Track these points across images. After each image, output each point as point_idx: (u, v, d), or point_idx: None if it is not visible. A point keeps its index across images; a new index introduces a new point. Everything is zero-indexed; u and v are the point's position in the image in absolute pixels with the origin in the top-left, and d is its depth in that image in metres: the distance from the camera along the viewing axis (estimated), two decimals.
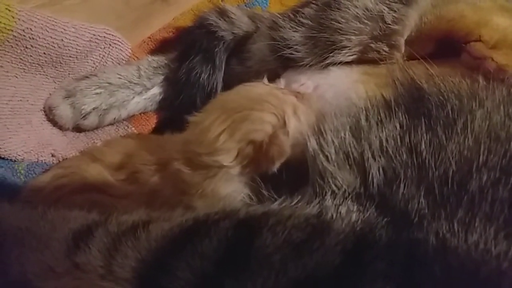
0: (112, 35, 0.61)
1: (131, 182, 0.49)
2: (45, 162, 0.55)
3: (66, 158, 0.56)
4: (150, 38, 0.72)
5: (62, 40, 0.53)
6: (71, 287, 0.36)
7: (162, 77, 0.63)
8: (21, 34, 0.48)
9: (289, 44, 0.55)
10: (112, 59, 0.62)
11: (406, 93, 0.39)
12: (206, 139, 0.45)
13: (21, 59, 0.51)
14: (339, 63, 0.53)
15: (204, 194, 0.45)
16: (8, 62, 0.50)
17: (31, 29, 0.49)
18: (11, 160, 0.53)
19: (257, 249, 0.32)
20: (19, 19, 0.47)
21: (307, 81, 0.53)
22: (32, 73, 0.54)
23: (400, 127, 0.37)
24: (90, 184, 0.48)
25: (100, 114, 0.58)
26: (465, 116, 0.35)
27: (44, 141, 0.56)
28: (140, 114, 0.63)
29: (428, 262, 0.29)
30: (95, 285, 0.35)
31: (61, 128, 0.58)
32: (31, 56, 0.51)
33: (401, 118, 0.37)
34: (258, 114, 0.44)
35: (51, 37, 0.52)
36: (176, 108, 0.61)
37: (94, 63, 0.61)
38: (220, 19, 0.64)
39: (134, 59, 0.65)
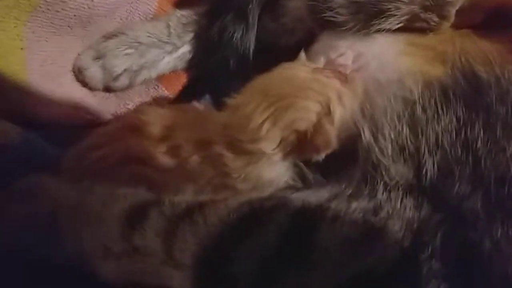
0: None
1: (172, 155, 0.49)
2: (79, 125, 0.55)
3: (100, 121, 0.56)
4: None
5: (92, 3, 0.50)
6: (131, 269, 0.38)
7: (192, 34, 0.60)
8: (49, 2, 0.45)
9: (331, 7, 0.52)
10: (139, 14, 0.59)
11: (464, 82, 0.38)
12: (248, 126, 0.44)
13: (51, 22, 0.48)
14: (383, 30, 0.51)
15: (248, 178, 0.45)
16: (39, 27, 0.47)
17: None
18: (46, 126, 0.52)
19: (316, 242, 0.34)
20: None
21: (347, 51, 0.51)
22: (61, 35, 0.51)
23: (457, 120, 0.37)
24: (132, 155, 0.48)
25: (131, 76, 0.57)
26: None
27: (76, 104, 0.55)
28: (169, 73, 0.61)
29: (482, 265, 0.31)
30: (156, 269, 0.38)
31: (90, 89, 0.57)
32: (61, 19, 0.48)
33: (458, 111, 0.37)
34: (302, 102, 0.43)
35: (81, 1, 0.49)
36: (208, 68, 0.59)
37: (121, 19, 0.58)
38: None
39: (160, 11, 0.62)
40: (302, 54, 0.49)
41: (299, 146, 0.42)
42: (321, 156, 0.41)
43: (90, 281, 0.40)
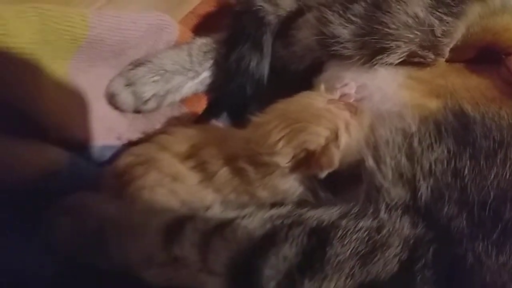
0: (164, 19, 0.64)
1: (199, 170, 0.56)
2: (112, 146, 0.62)
3: (130, 141, 0.62)
4: (193, 12, 0.73)
5: (124, 36, 0.57)
6: (172, 276, 0.45)
7: (212, 61, 0.66)
8: (93, 39, 0.51)
9: (339, 41, 0.58)
10: (163, 42, 0.66)
11: (454, 120, 0.45)
12: (267, 141, 0.51)
13: (89, 57, 0.54)
14: (385, 63, 0.57)
15: (266, 187, 0.53)
16: (81, 62, 0.53)
17: (101, 33, 0.52)
18: (84, 146, 0.58)
19: (329, 256, 0.40)
20: (91, 26, 0.50)
21: (351, 82, 0.57)
22: (96, 66, 0.57)
23: (448, 152, 0.44)
24: (166, 172, 0.55)
25: (159, 100, 0.63)
26: (505, 149, 0.42)
27: (109, 126, 0.62)
28: (192, 95, 0.67)
29: (466, 275, 0.38)
30: (193, 276, 0.44)
31: (122, 111, 0.63)
32: (99, 54, 0.55)
33: (449, 144, 0.44)
34: (315, 128, 0.50)
35: (115, 36, 0.55)
36: (227, 92, 0.66)
37: (147, 48, 0.64)
38: (266, 2, 0.66)
39: (181, 38, 0.68)
40: (322, 86, 0.55)
41: (307, 163, 0.49)
42: (324, 173, 0.48)
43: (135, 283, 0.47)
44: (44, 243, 0.49)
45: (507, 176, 0.40)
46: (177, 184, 0.55)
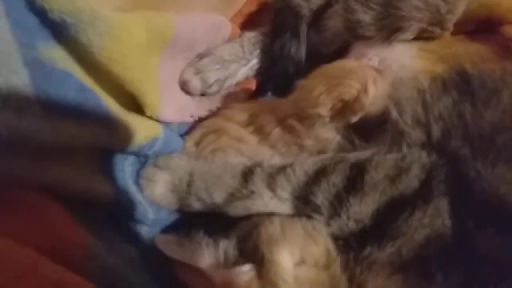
0: (220, 19, 0.80)
1: (258, 133, 0.71)
2: (186, 122, 0.78)
3: (201, 118, 0.78)
4: (239, 12, 0.89)
5: (195, 34, 0.72)
6: (249, 206, 0.60)
7: (259, 50, 0.82)
8: (175, 38, 0.67)
9: (361, 25, 0.73)
10: (219, 38, 0.81)
11: (458, 76, 0.58)
12: (311, 96, 0.66)
13: (171, 52, 0.70)
14: (400, 40, 0.71)
15: (310, 137, 0.67)
16: (165, 56, 0.69)
17: (180, 32, 0.67)
18: (168, 123, 0.74)
19: (367, 180, 0.55)
20: (174, 27, 0.66)
21: (374, 57, 0.72)
22: (174, 59, 0.73)
23: (453, 100, 0.57)
24: (232, 137, 0.70)
25: (220, 84, 0.79)
26: (497, 94, 0.55)
27: (183, 106, 0.78)
28: (244, 79, 0.83)
29: (469, 185, 0.51)
30: (265, 203, 0.59)
31: (192, 95, 0.79)
32: (177, 49, 0.71)
33: (453, 95, 0.58)
34: (349, 82, 0.64)
35: (189, 34, 0.71)
36: (271, 75, 0.81)
37: (208, 43, 0.80)
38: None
39: (233, 34, 0.84)
40: (353, 59, 0.70)
41: (343, 111, 0.63)
42: (356, 117, 0.62)
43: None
44: None
45: (499, 114, 0.54)
46: (242, 145, 0.71)
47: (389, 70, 0.67)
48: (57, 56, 0.50)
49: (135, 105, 0.65)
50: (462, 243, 0.49)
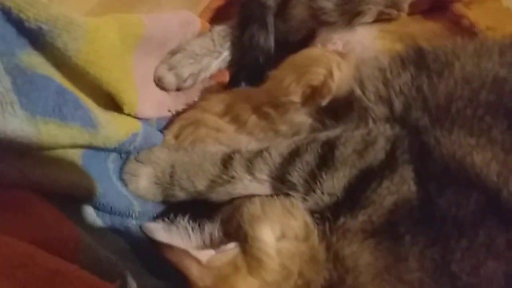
0: (190, 16, 0.83)
1: (234, 122, 0.74)
2: (164, 117, 0.80)
3: (179, 112, 0.81)
4: (207, 7, 0.92)
5: (166, 31, 0.75)
6: (230, 190, 0.63)
7: (229, 42, 0.85)
8: (147, 37, 0.70)
9: (324, 12, 0.77)
10: (190, 33, 0.84)
11: (414, 53, 0.63)
12: (282, 85, 0.70)
13: (144, 50, 0.73)
14: (361, 23, 0.76)
15: (285, 123, 0.71)
16: (139, 54, 0.72)
17: (151, 31, 0.70)
18: (146, 119, 0.77)
19: (337, 156, 0.59)
20: (146, 26, 0.68)
21: (338, 41, 0.76)
22: (148, 57, 0.76)
23: (411, 75, 0.62)
24: (210, 127, 0.74)
25: (194, 77, 0.82)
26: (449, 67, 0.60)
27: (160, 102, 0.81)
28: (217, 71, 0.86)
29: (430, 152, 0.56)
30: (246, 187, 0.63)
31: (167, 90, 0.82)
32: (150, 47, 0.73)
33: (411, 70, 0.62)
34: (315, 69, 0.68)
35: (160, 31, 0.74)
36: (243, 66, 0.85)
37: (180, 39, 0.83)
38: None
39: (203, 28, 0.87)
40: (319, 44, 0.74)
41: (313, 96, 0.68)
42: (325, 101, 0.66)
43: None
44: None
45: (452, 85, 0.58)
46: (220, 134, 0.74)
47: (352, 53, 0.71)
48: (36, 62, 0.53)
49: (114, 104, 0.68)
50: (425, 206, 0.53)
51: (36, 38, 0.51)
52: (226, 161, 0.65)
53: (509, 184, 0.50)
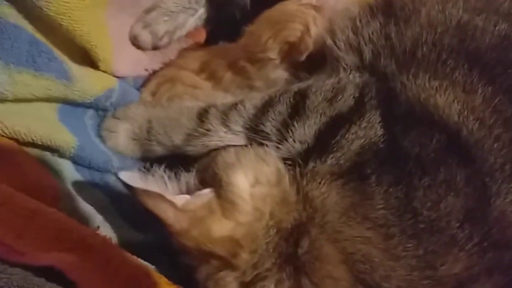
0: None
1: (211, 79, 0.76)
2: (141, 76, 0.81)
3: (156, 70, 0.82)
4: None
5: None
6: (207, 143, 0.65)
7: None
8: None
9: None
10: None
11: (383, 1, 0.64)
12: (259, 42, 0.70)
13: (117, 6, 0.73)
14: None
15: (261, 78, 0.73)
16: (111, 11, 0.72)
17: None
18: (123, 77, 0.78)
19: (308, 104, 0.60)
20: None
21: None
22: (121, 15, 0.76)
23: (379, 24, 0.63)
24: (187, 84, 0.75)
25: (170, 35, 0.82)
26: (415, 13, 0.61)
27: (137, 61, 0.81)
28: (193, 29, 0.86)
29: (397, 96, 0.58)
30: (219, 139, 0.64)
31: (143, 49, 0.82)
32: (122, 4, 0.73)
33: (379, 18, 0.63)
34: (292, 24, 0.69)
35: None
36: (219, 22, 0.85)
37: None
38: None
39: None
40: None
41: (290, 52, 0.69)
42: (303, 56, 0.67)
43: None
44: None
45: (418, 30, 0.60)
46: (196, 91, 0.75)
47: (326, 4, 0.72)
48: (8, 12, 0.54)
49: (90, 60, 0.68)
50: (391, 147, 0.55)
51: None
52: (202, 115, 0.66)
53: (469, 123, 0.53)
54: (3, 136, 0.50)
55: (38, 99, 0.56)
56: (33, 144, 0.54)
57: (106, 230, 0.59)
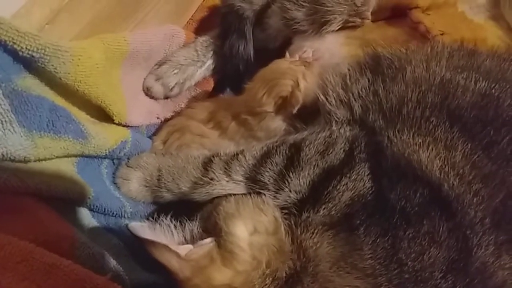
0: (174, 28, 0.89)
1: (217, 128, 0.82)
2: (154, 124, 0.88)
3: (167, 119, 0.89)
4: (191, 19, 0.98)
5: (150, 45, 0.82)
6: (211, 191, 0.70)
7: (212, 52, 0.92)
8: (131, 52, 0.77)
9: (296, 21, 0.83)
10: (175, 45, 0.91)
11: (371, 60, 0.69)
12: (256, 98, 0.77)
13: (131, 64, 0.80)
14: (329, 31, 0.81)
15: (262, 129, 0.78)
16: (126, 68, 0.79)
17: (136, 46, 0.77)
18: (136, 126, 0.84)
19: (302, 157, 0.65)
20: (130, 43, 0.76)
21: (308, 49, 0.82)
22: (135, 70, 0.83)
23: (368, 80, 0.68)
24: (195, 133, 0.81)
25: (180, 86, 0.89)
26: (402, 71, 0.65)
27: (149, 110, 0.88)
28: (202, 79, 0.93)
29: (384, 150, 0.62)
30: (223, 188, 0.70)
31: (156, 99, 0.89)
32: (136, 61, 0.81)
33: (368, 75, 0.68)
34: (283, 81, 0.75)
35: (145, 46, 0.81)
36: (226, 73, 0.91)
37: (165, 51, 0.90)
38: (242, 2, 0.90)
39: (187, 39, 0.93)
40: (287, 54, 0.80)
41: (284, 105, 0.75)
42: (295, 109, 0.73)
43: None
44: None
45: (403, 88, 0.64)
46: (204, 140, 0.81)
47: (321, 59, 0.77)
48: (31, 84, 0.61)
49: (105, 115, 0.75)
50: (378, 200, 0.59)
51: (30, 64, 0.59)
52: (207, 164, 0.72)
53: (449, 179, 0.56)
54: (26, 193, 0.57)
55: (57, 157, 0.63)
56: (53, 197, 0.60)
57: (119, 273, 0.65)
